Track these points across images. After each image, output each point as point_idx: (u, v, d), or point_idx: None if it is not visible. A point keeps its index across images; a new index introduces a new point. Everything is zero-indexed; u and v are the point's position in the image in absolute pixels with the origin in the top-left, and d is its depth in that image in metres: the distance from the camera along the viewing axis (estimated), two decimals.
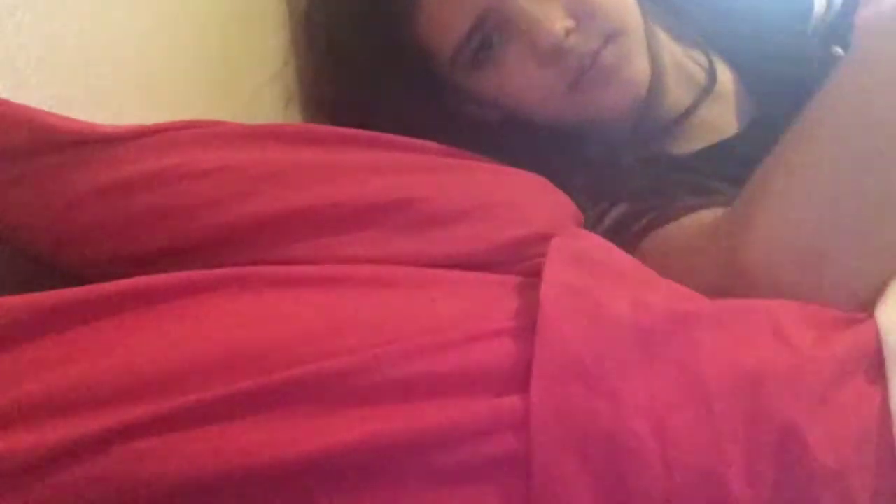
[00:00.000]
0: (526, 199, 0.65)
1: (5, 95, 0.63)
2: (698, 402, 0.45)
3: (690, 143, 0.87)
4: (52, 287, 0.54)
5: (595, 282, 0.52)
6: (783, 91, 0.86)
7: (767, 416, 0.44)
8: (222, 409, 0.45)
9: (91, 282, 0.55)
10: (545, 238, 0.60)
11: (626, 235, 0.74)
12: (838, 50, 0.93)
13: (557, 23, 0.75)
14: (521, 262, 0.60)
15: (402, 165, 0.63)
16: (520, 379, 0.46)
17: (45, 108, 0.63)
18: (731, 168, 0.79)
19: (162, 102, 0.81)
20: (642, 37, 0.80)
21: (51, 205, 0.59)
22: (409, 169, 0.63)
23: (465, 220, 0.60)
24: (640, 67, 0.79)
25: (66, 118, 0.62)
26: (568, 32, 0.75)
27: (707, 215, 0.71)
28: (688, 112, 0.88)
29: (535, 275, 0.58)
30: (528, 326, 0.49)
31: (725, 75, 0.93)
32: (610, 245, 0.62)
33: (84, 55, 0.71)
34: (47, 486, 0.44)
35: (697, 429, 0.44)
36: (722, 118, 0.90)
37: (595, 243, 0.61)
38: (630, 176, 0.81)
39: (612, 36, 0.77)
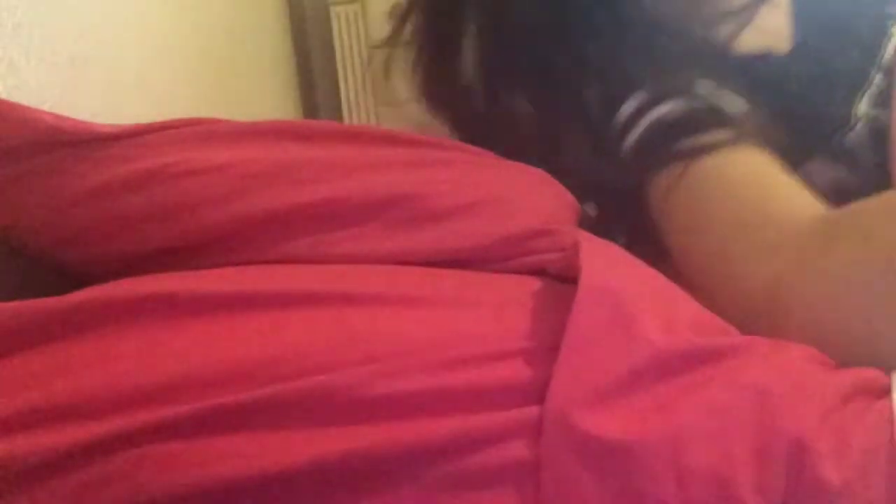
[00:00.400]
0: (524, 193, 0.64)
1: (5, 95, 0.63)
2: (709, 414, 0.45)
3: (741, 45, 0.80)
4: (52, 286, 0.54)
5: (630, 293, 0.52)
6: (832, 30, 0.82)
7: (776, 430, 0.44)
8: (229, 418, 0.45)
9: (91, 280, 0.55)
10: (543, 233, 0.60)
11: (670, 144, 0.68)
12: (892, 11, 0.87)
13: None
14: (521, 256, 0.60)
15: (400, 161, 0.63)
16: (534, 395, 0.46)
17: (45, 108, 0.63)
18: (768, 89, 0.75)
19: (162, 102, 0.81)
20: None
21: (49, 204, 0.59)
22: (407, 165, 0.63)
23: (463, 215, 0.60)
24: None
25: (64, 117, 0.62)
26: None
27: (763, 173, 0.65)
28: (749, 6, 0.81)
29: (535, 270, 0.58)
30: (547, 347, 0.48)
31: None
32: (630, 255, 0.61)
33: (84, 55, 0.71)
34: (47, 491, 0.44)
35: (708, 437, 0.44)
36: (774, 30, 0.84)
37: (619, 251, 0.60)
38: (677, 59, 0.75)
39: None
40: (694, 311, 0.55)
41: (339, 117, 1.98)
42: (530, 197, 0.64)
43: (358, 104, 1.94)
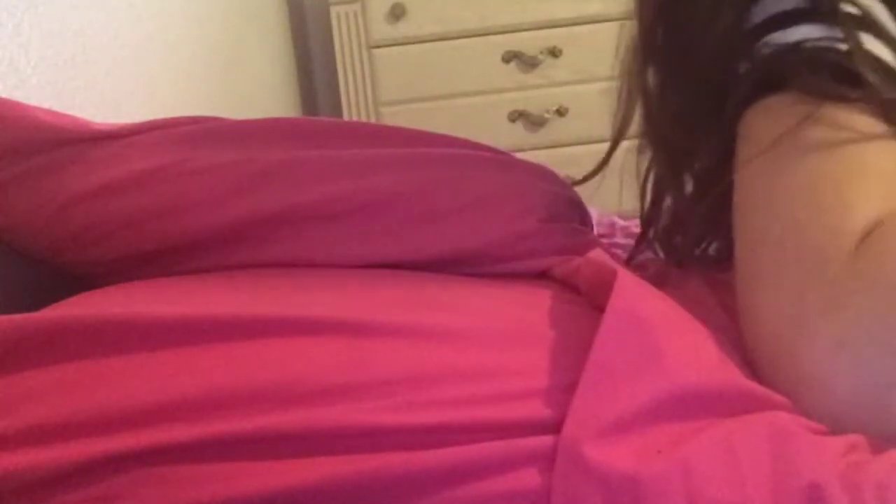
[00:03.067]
0: (522, 191, 0.64)
1: (5, 95, 0.63)
2: (725, 449, 0.45)
3: None
4: (52, 286, 0.54)
5: (657, 322, 0.51)
6: None
7: (792, 471, 0.44)
8: (232, 444, 0.44)
9: (91, 281, 0.55)
10: (540, 232, 0.60)
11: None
12: None
13: None
14: (520, 258, 0.60)
15: (399, 160, 0.63)
16: (550, 429, 0.46)
17: (45, 107, 0.63)
18: None
19: (162, 102, 0.81)
20: None
21: (47, 205, 0.59)
22: (406, 164, 0.63)
23: (461, 214, 0.60)
24: None
25: (63, 115, 0.62)
26: None
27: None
28: None
29: (534, 271, 0.59)
30: (564, 386, 0.47)
31: None
32: (649, 285, 0.59)
33: (84, 55, 0.71)
34: None
35: (723, 471, 0.44)
36: None
37: (644, 296, 0.58)
38: None
39: None
40: (717, 349, 0.52)
41: (339, 117, 1.98)
42: (528, 195, 0.63)
43: (358, 104, 1.94)
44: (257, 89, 1.44)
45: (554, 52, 1.94)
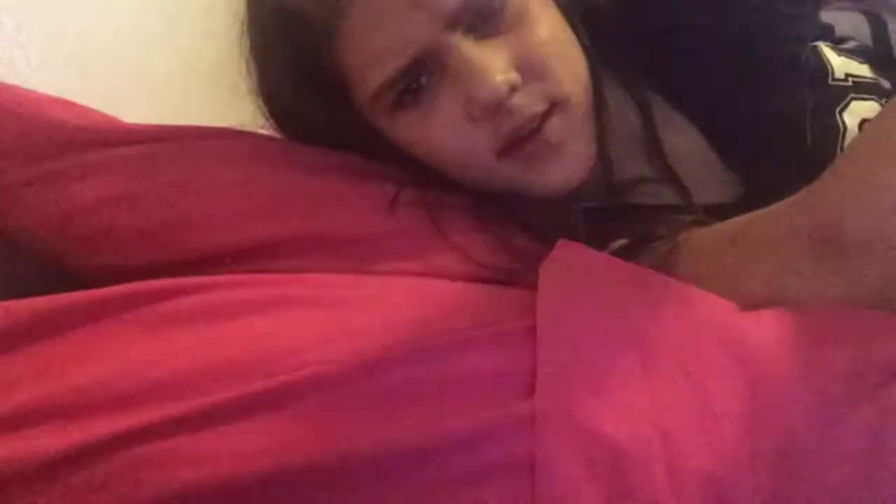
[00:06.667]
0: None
1: None
2: (701, 407, 0.45)
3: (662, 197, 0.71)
4: (54, 288, 0.54)
5: (592, 289, 0.52)
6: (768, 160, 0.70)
7: (769, 423, 0.44)
8: (227, 414, 0.45)
9: (95, 285, 0.55)
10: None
11: (647, 256, 0.63)
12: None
13: (500, 75, 0.59)
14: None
15: (411, 196, 0.63)
16: (529, 383, 0.46)
17: (59, 99, 0.63)
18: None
19: (162, 102, 0.81)
20: (590, 109, 0.66)
21: (59, 210, 0.58)
22: (417, 201, 0.63)
23: (469, 244, 0.61)
24: (586, 143, 0.66)
25: (77, 110, 0.62)
26: (512, 88, 0.60)
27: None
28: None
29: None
30: (534, 328, 0.49)
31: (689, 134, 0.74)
32: (605, 255, 0.60)
33: (84, 55, 0.71)
34: (50, 492, 0.44)
35: (701, 434, 0.44)
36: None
37: (591, 254, 0.60)
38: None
39: (558, 104, 0.63)
40: (676, 292, 0.53)
41: None
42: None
43: None
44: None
45: None
